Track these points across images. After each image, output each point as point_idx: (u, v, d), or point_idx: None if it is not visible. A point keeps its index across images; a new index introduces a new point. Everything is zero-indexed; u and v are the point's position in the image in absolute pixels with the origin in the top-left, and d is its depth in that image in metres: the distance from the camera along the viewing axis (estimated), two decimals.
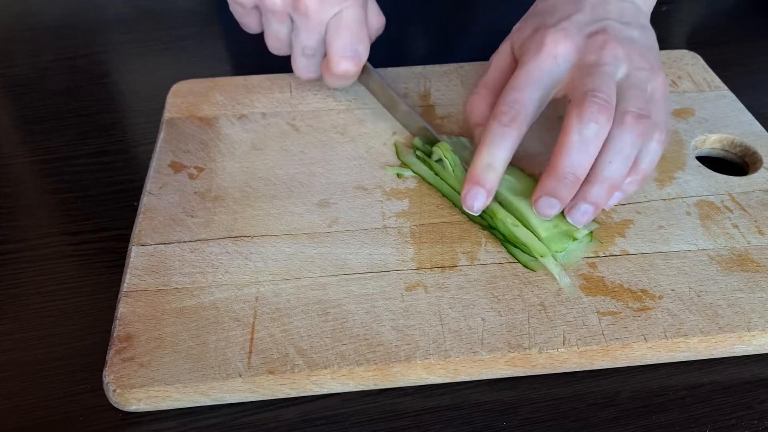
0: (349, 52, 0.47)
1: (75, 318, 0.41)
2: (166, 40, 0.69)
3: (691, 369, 0.38)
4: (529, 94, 0.41)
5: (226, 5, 0.69)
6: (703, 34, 0.70)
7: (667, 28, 0.72)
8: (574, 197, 0.40)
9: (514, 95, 0.41)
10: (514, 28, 0.47)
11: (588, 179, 0.40)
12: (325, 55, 0.49)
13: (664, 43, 0.59)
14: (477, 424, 0.35)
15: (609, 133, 0.39)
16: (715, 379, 0.37)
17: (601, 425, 0.35)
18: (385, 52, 0.63)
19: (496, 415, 0.36)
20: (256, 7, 0.48)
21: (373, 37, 0.50)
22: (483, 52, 0.57)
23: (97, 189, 0.50)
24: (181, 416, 0.36)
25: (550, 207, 0.40)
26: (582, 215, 0.40)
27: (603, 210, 0.43)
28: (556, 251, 0.40)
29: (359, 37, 0.47)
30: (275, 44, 0.49)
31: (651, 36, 0.45)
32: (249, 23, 0.50)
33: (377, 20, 0.49)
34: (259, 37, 0.50)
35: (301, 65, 0.49)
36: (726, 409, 0.36)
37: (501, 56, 0.47)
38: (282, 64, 0.56)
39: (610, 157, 0.39)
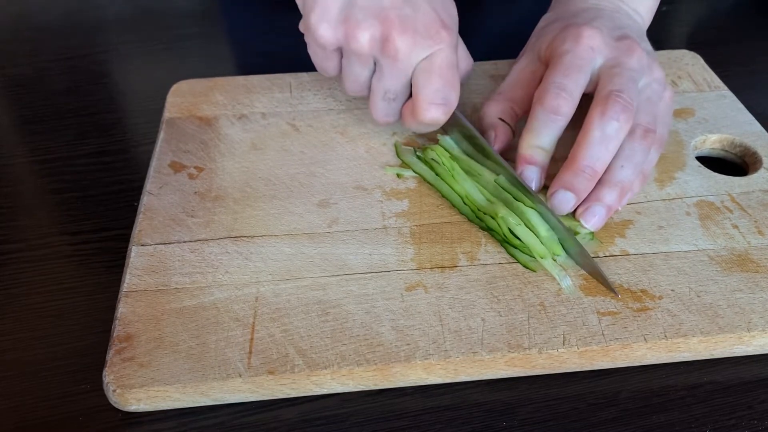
0: (440, 99, 0.42)
1: (75, 318, 0.41)
2: (166, 40, 0.69)
3: (691, 369, 0.38)
4: (573, 79, 0.43)
5: (229, 5, 0.70)
6: (703, 34, 0.70)
7: (667, 28, 0.72)
8: (587, 199, 0.41)
9: (559, 80, 0.42)
10: (531, 41, 0.49)
11: (601, 182, 0.41)
12: (408, 98, 0.45)
13: (665, 43, 0.59)
14: (477, 424, 0.35)
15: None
16: (715, 379, 0.37)
17: (601, 425, 0.35)
18: None
19: (496, 415, 0.36)
20: (338, 49, 0.43)
21: (463, 82, 0.46)
22: (487, 53, 0.57)
23: (97, 189, 0.50)
24: (181, 416, 0.36)
25: (566, 201, 0.41)
26: (595, 217, 0.41)
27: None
28: (556, 254, 0.40)
29: (451, 83, 0.43)
30: (354, 87, 0.45)
31: (654, 53, 0.47)
32: (328, 67, 0.45)
33: (466, 63, 0.47)
34: (260, 38, 0.50)
35: (381, 109, 0.45)
36: (726, 409, 0.36)
37: (524, 69, 0.48)
38: (283, 64, 0.56)
39: (622, 162, 0.41)
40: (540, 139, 0.42)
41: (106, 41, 0.70)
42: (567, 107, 0.42)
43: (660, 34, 0.68)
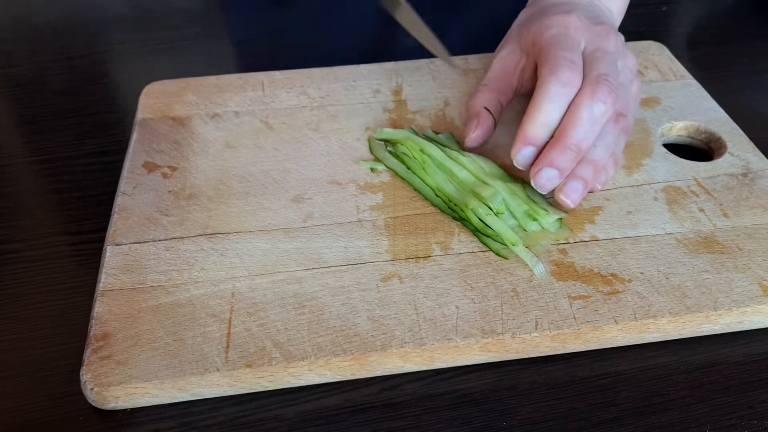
0: None
1: (75, 318, 0.40)
2: (166, 40, 0.69)
3: (691, 369, 0.38)
4: (577, 54, 0.43)
5: (229, 4, 0.70)
6: (703, 34, 0.70)
7: (667, 28, 0.72)
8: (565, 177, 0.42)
9: (567, 54, 0.43)
10: (513, 33, 0.50)
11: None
12: None
13: (665, 42, 0.60)
14: (476, 424, 0.35)
15: None
16: (715, 379, 0.37)
17: (601, 425, 0.35)
18: (370, 48, 0.64)
19: (496, 415, 0.36)
20: None
21: None
22: (462, 49, 0.58)
23: (97, 189, 0.50)
24: (181, 416, 0.36)
25: (551, 179, 0.41)
26: (574, 192, 0.42)
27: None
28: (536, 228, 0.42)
29: None
30: None
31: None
32: None
33: None
34: (260, 37, 0.49)
35: None
36: (726, 409, 0.36)
37: (506, 58, 0.48)
38: (283, 63, 0.56)
39: (596, 142, 0.43)
40: (549, 115, 0.42)
41: (106, 41, 0.70)
42: (578, 80, 0.42)
43: (660, 34, 0.68)
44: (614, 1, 0.52)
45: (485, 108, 0.47)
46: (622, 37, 0.48)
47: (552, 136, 0.42)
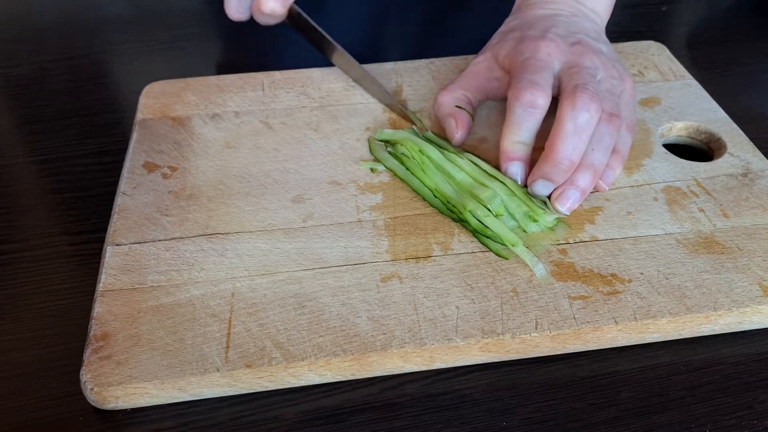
0: None
1: (75, 318, 0.40)
2: (166, 40, 0.69)
3: (691, 369, 0.38)
4: (541, 75, 0.45)
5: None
6: (703, 34, 0.70)
7: (667, 28, 0.72)
8: (562, 184, 0.43)
9: (529, 77, 0.44)
10: (492, 42, 0.51)
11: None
12: None
13: (665, 42, 0.60)
14: (476, 424, 0.35)
15: None
16: (715, 379, 0.37)
17: (601, 425, 0.35)
18: (370, 49, 0.64)
19: (496, 415, 0.36)
20: None
21: None
22: (470, 49, 0.59)
23: (97, 189, 0.50)
24: (182, 416, 0.36)
25: (545, 189, 0.43)
26: (569, 200, 0.43)
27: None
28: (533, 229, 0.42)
29: None
30: None
31: (612, 49, 0.50)
32: None
33: None
34: (260, 38, 0.50)
35: (233, 6, 0.52)
36: (726, 409, 0.36)
37: (480, 63, 0.50)
38: (283, 63, 0.56)
39: (593, 145, 0.43)
40: (520, 134, 0.44)
41: (106, 41, 0.70)
42: (542, 100, 0.44)
43: (660, 34, 0.68)
44: (599, 2, 0.52)
45: (458, 106, 0.48)
46: (604, 46, 0.49)
47: (543, 141, 0.44)
